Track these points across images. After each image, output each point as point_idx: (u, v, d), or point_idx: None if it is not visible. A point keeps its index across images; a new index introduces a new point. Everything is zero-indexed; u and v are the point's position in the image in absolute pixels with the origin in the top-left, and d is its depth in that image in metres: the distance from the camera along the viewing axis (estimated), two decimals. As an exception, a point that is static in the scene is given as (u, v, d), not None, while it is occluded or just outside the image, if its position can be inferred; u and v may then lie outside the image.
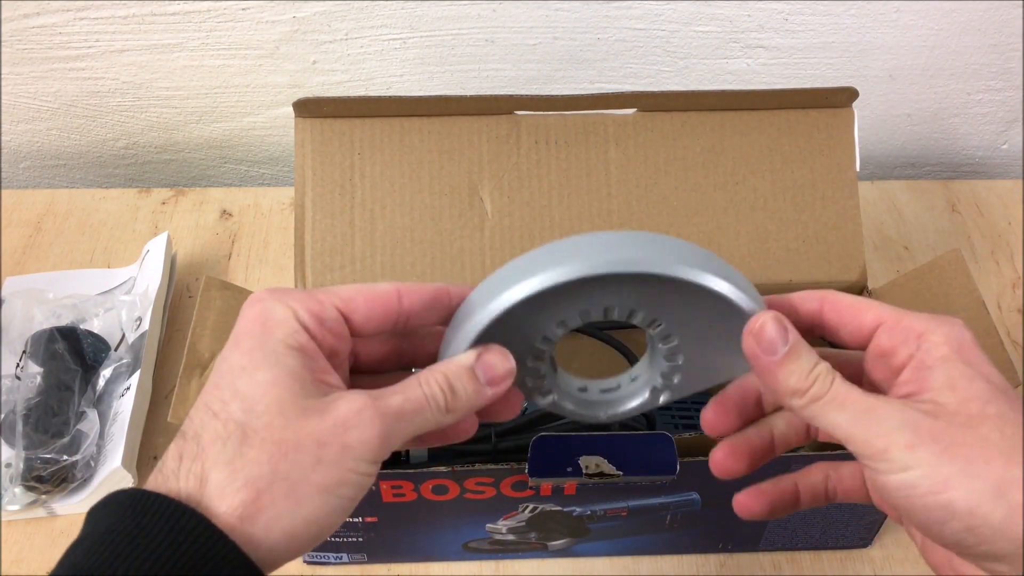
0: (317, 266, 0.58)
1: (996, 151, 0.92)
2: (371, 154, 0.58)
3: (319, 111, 0.58)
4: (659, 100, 0.59)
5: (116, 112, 0.87)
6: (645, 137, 0.59)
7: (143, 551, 0.28)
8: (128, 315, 0.72)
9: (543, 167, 0.59)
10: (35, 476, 0.62)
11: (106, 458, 0.65)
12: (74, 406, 0.66)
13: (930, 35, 0.80)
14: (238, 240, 0.83)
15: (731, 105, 0.60)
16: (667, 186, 0.59)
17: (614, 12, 0.78)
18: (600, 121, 0.59)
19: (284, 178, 0.95)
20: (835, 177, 0.60)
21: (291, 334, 0.32)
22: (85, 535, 0.30)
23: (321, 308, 0.33)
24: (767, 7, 0.77)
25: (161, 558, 0.28)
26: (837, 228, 0.60)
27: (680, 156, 0.59)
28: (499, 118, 0.59)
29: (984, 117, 0.88)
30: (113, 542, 0.28)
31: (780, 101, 0.60)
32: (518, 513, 0.55)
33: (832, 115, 0.60)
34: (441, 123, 0.59)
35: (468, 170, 0.58)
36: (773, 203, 0.60)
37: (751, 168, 0.60)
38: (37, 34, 0.79)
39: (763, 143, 0.60)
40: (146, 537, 0.28)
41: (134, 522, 0.29)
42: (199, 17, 0.78)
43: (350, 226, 0.58)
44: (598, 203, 0.59)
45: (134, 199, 0.87)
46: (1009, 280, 0.79)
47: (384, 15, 0.78)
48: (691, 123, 0.60)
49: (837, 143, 0.60)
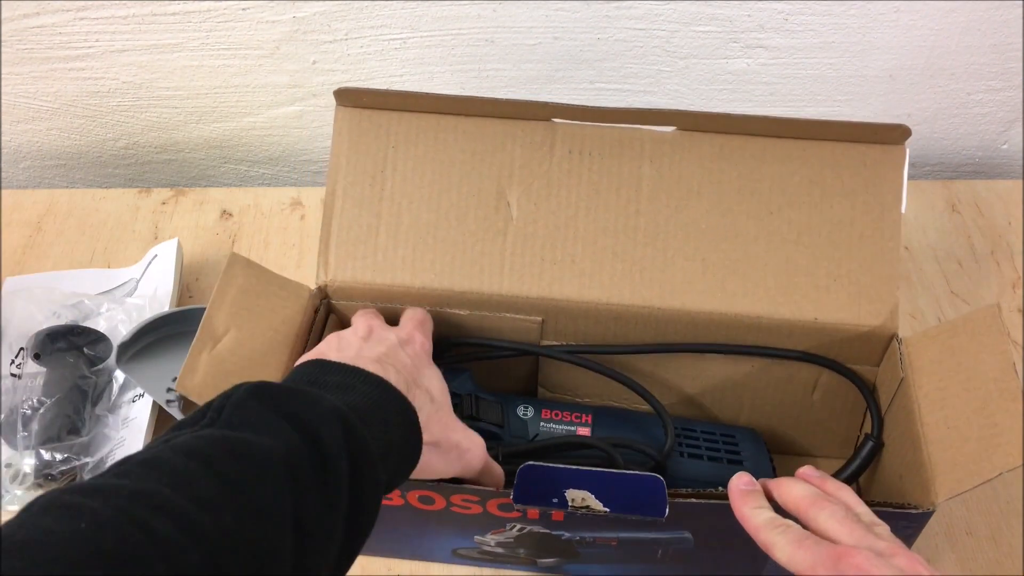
0: (340, 253, 0.58)
1: (996, 151, 0.92)
2: (405, 148, 0.58)
3: (359, 101, 0.58)
4: (699, 120, 0.57)
5: (116, 112, 0.87)
6: (681, 156, 0.57)
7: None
8: (138, 318, 0.72)
9: (574, 177, 0.57)
10: (45, 474, 0.62)
11: (115, 461, 0.65)
12: (87, 407, 0.67)
13: (930, 35, 0.80)
14: (238, 240, 0.83)
15: (774, 131, 0.57)
16: (698, 209, 0.57)
17: (614, 12, 0.78)
18: (637, 136, 0.58)
19: (284, 178, 0.95)
20: (877, 216, 0.56)
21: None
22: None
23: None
24: (767, 7, 0.77)
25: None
26: (872, 270, 0.56)
27: (715, 179, 0.57)
28: (535, 124, 0.58)
29: (984, 117, 0.88)
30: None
31: (827, 132, 0.56)
32: (506, 531, 0.54)
33: (882, 151, 0.57)
34: (477, 124, 0.58)
35: (498, 173, 0.58)
36: (807, 237, 0.56)
37: (788, 199, 0.57)
38: (37, 34, 0.79)
39: (805, 174, 0.57)
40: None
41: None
42: (199, 17, 0.78)
43: (377, 217, 0.58)
44: (624, 220, 0.57)
45: (134, 199, 0.87)
46: (1009, 280, 0.79)
47: (384, 15, 0.78)
48: (731, 146, 0.57)
49: (884, 181, 0.56)
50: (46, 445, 0.62)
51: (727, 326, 0.57)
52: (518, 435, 0.57)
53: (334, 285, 0.58)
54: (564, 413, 0.59)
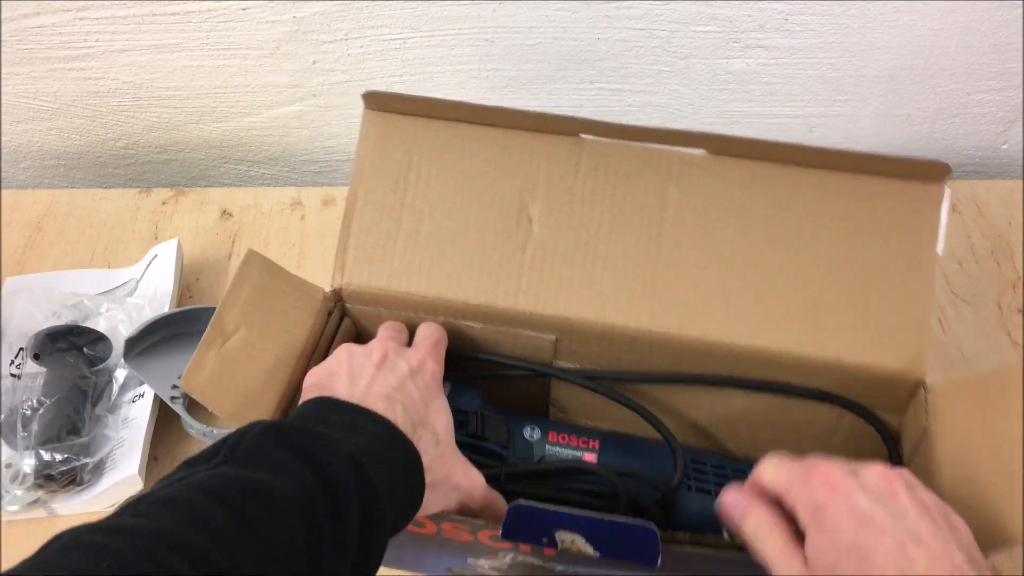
0: (358, 256, 0.57)
1: (996, 151, 0.92)
2: (430, 155, 0.57)
3: (386, 105, 0.57)
4: (732, 145, 0.55)
5: (116, 112, 0.87)
6: (710, 181, 0.55)
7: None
8: (138, 318, 0.72)
9: (598, 195, 0.56)
10: (45, 474, 0.62)
11: (116, 462, 0.65)
12: (87, 407, 0.67)
13: (930, 35, 0.80)
14: (238, 240, 0.83)
15: (808, 161, 0.55)
16: (722, 236, 0.55)
17: (614, 12, 0.78)
18: (665, 157, 0.55)
19: (284, 178, 0.95)
20: (911, 256, 0.54)
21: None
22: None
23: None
24: (767, 7, 0.77)
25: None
26: (902, 312, 0.53)
27: (744, 206, 0.55)
28: (562, 138, 0.56)
29: (984, 117, 0.88)
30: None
31: (863, 165, 0.54)
32: (499, 558, 0.53)
33: (920, 188, 0.54)
34: (504, 135, 0.57)
35: (522, 187, 0.56)
36: (836, 273, 0.54)
37: (818, 232, 0.54)
38: (37, 34, 0.79)
39: (837, 207, 0.54)
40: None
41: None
42: (199, 17, 0.78)
43: (396, 223, 0.57)
44: (646, 243, 0.55)
45: (134, 199, 0.87)
46: (1009, 280, 0.79)
47: (384, 15, 0.78)
48: (762, 174, 0.55)
49: (921, 220, 0.54)
50: (46, 445, 0.62)
51: (746, 359, 0.55)
52: (523, 456, 0.56)
53: (349, 288, 0.57)
54: (571, 437, 0.57)
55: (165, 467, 0.68)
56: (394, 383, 0.49)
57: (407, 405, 0.47)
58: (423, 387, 0.50)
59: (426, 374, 0.51)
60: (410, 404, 0.48)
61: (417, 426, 0.47)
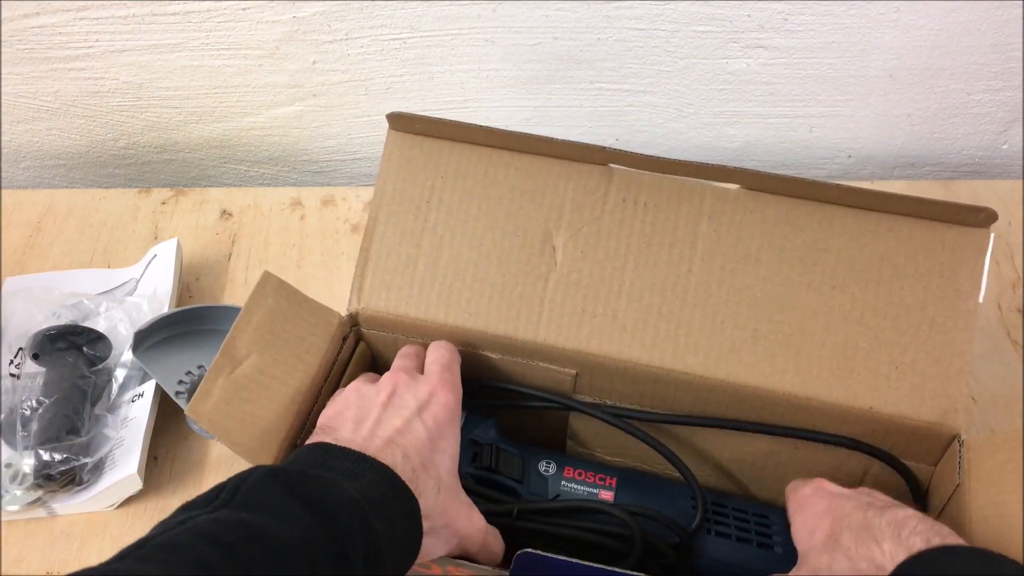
0: (375, 282, 0.55)
1: (996, 151, 0.92)
2: (453, 180, 0.56)
3: (411, 127, 0.56)
4: (766, 181, 0.53)
5: (116, 112, 0.87)
6: (743, 217, 0.53)
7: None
8: (138, 318, 0.72)
9: (625, 227, 0.54)
10: (44, 474, 0.62)
11: (115, 462, 0.65)
12: (87, 407, 0.67)
13: (930, 35, 0.80)
14: (238, 240, 0.83)
15: (847, 200, 0.53)
16: (754, 274, 0.53)
17: (614, 12, 0.78)
18: (698, 191, 0.54)
19: (284, 178, 0.95)
20: (952, 304, 0.51)
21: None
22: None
23: None
24: (767, 7, 0.77)
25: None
26: (940, 361, 0.51)
27: (777, 245, 0.53)
28: (591, 167, 0.55)
29: (984, 117, 0.88)
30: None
31: (904, 207, 0.52)
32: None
33: (963, 234, 0.52)
34: (530, 161, 0.55)
35: (547, 216, 0.55)
36: (872, 318, 0.52)
37: (855, 274, 0.52)
38: (37, 34, 0.79)
39: (876, 249, 0.52)
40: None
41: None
42: (199, 17, 0.78)
43: (416, 248, 0.55)
44: (674, 279, 0.53)
45: (134, 199, 0.87)
46: (1009, 280, 0.79)
47: (384, 15, 0.78)
48: (797, 211, 0.53)
49: (962, 266, 0.52)
50: (45, 445, 0.62)
51: (773, 403, 0.53)
52: (537, 492, 0.54)
53: (365, 314, 0.55)
54: (588, 473, 0.55)
55: (164, 467, 0.68)
56: (399, 425, 0.48)
57: (409, 449, 0.46)
58: (432, 424, 0.49)
59: (435, 407, 0.50)
60: (413, 447, 0.47)
61: (418, 471, 0.46)
